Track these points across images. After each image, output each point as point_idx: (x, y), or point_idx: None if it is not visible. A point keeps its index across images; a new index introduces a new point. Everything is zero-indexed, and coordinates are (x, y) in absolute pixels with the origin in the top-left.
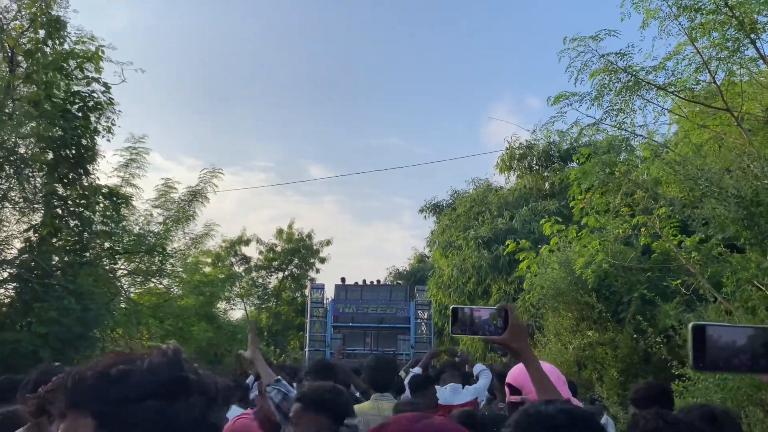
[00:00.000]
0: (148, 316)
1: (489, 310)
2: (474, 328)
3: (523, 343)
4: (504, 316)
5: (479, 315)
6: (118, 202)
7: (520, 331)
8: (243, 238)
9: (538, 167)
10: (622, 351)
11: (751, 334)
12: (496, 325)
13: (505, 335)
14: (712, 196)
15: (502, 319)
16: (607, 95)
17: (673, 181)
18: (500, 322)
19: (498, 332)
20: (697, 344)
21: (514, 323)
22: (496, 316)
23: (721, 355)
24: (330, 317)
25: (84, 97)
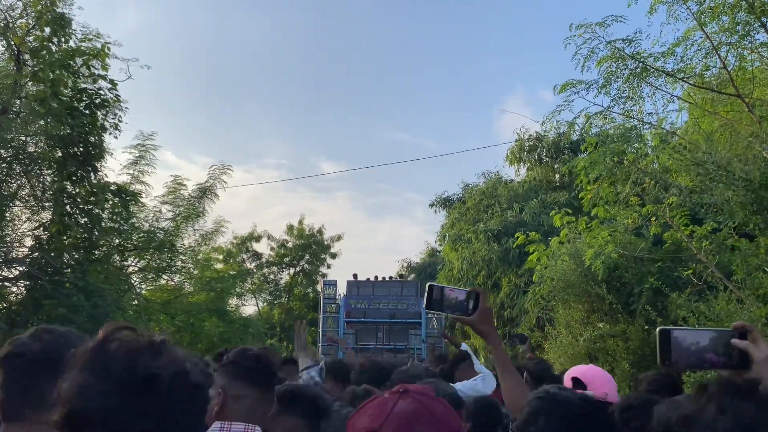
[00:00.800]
0: (159, 312)
1: (464, 291)
2: (444, 306)
3: (490, 325)
4: (475, 299)
5: (455, 295)
6: (127, 199)
7: (487, 315)
8: (254, 235)
9: (548, 159)
10: (634, 343)
11: (712, 336)
12: (466, 306)
13: (474, 317)
14: (720, 181)
15: (473, 301)
16: (614, 83)
17: (682, 168)
18: (471, 305)
19: (467, 313)
20: (663, 346)
21: (483, 307)
22: (469, 297)
23: (685, 355)
24: (342, 313)
25: (91, 95)
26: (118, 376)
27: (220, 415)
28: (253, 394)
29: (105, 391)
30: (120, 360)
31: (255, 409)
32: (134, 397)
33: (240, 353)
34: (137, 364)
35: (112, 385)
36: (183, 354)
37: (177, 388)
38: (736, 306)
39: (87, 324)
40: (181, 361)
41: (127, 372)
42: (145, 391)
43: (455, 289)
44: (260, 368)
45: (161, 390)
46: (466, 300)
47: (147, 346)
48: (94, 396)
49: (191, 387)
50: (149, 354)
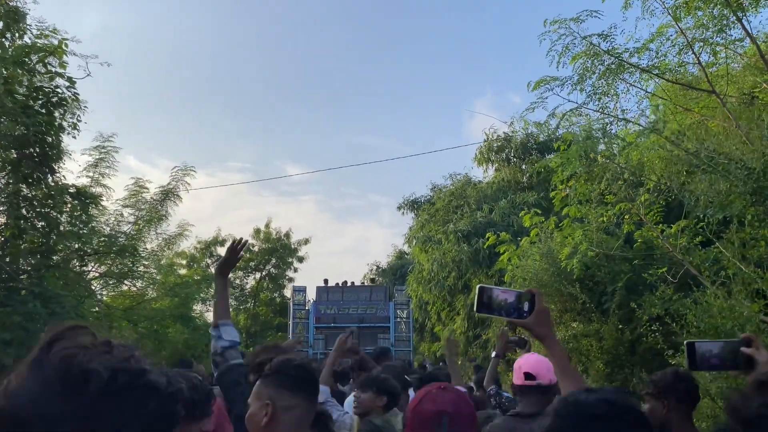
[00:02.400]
0: (121, 319)
1: (515, 292)
2: (499, 309)
3: (549, 328)
4: (531, 299)
5: (505, 297)
6: (87, 201)
7: (546, 317)
8: (218, 239)
9: (516, 159)
10: (608, 342)
11: (723, 345)
12: (522, 308)
13: (531, 319)
14: (715, 171)
15: (529, 302)
16: (589, 79)
17: (662, 162)
18: (527, 306)
19: (523, 315)
20: (690, 354)
21: (541, 308)
22: (524, 299)
23: (705, 360)
24: (312, 318)
25: (48, 93)
26: (52, 373)
27: (269, 426)
28: (302, 404)
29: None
30: (57, 356)
31: (304, 420)
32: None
33: (284, 363)
34: (73, 361)
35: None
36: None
37: (121, 387)
38: (727, 302)
39: (42, 331)
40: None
41: (62, 369)
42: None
43: (507, 290)
44: (307, 377)
45: (97, 388)
46: (519, 301)
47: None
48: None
49: (143, 388)
50: (93, 352)
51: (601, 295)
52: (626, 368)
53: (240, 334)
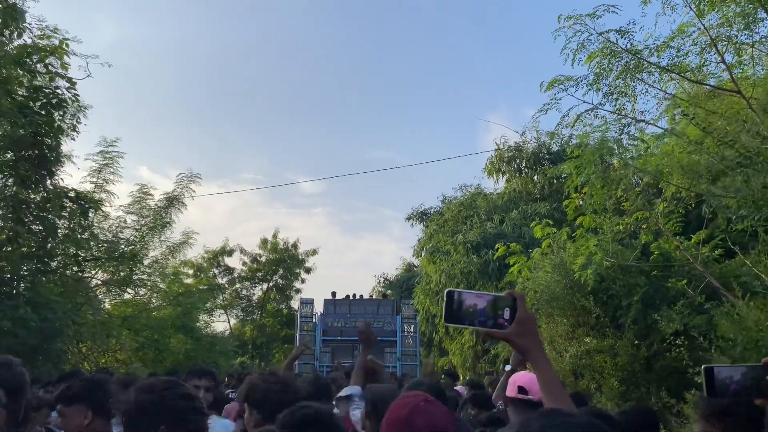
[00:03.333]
0: (121, 327)
1: (490, 296)
2: (472, 319)
3: (533, 340)
4: (512, 305)
5: (478, 303)
6: (87, 206)
7: (530, 326)
8: (226, 249)
9: (528, 170)
10: (623, 359)
11: (744, 371)
12: (500, 316)
13: (512, 329)
14: (752, 166)
15: (509, 309)
16: (605, 78)
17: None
18: (507, 313)
19: (503, 325)
20: (708, 381)
21: (524, 316)
22: (502, 305)
23: (725, 387)
24: (319, 331)
25: (48, 94)
26: None
27: None
28: None
29: None
30: None
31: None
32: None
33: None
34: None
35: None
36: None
37: None
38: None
39: (34, 339)
40: None
41: None
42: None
43: (482, 294)
44: None
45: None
46: (496, 308)
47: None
48: None
49: None
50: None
51: (616, 309)
52: (642, 386)
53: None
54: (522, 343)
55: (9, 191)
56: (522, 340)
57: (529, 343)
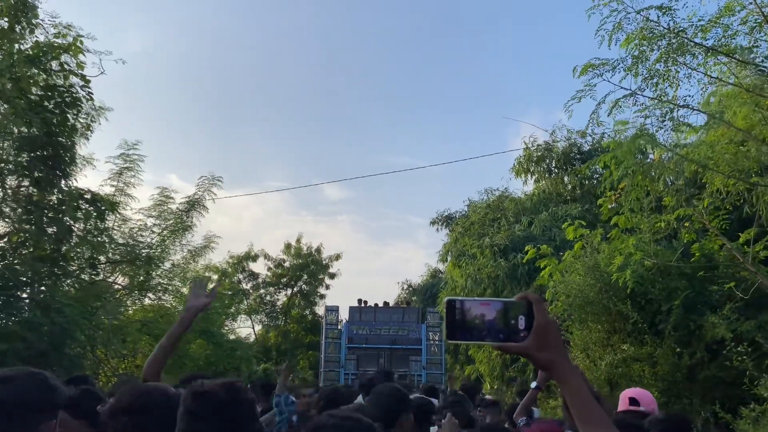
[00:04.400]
0: (140, 332)
1: (499, 303)
2: (480, 332)
3: (557, 351)
4: (527, 312)
5: (484, 312)
6: (103, 208)
7: (551, 334)
8: (250, 254)
9: (558, 170)
10: (663, 368)
11: (499, 308)
12: (514, 326)
13: (530, 341)
14: None
15: (525, 317)
16: (645, 62)
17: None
18: (522, 322)
19: (518, 336)
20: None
21: (543, 322)
22: (515, 312)
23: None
24: (344, 338)
25: (62, 92)
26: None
27: None
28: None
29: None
30: None
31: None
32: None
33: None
34: None
35: None
36: None
37: None
38: None
39: (42, 343)
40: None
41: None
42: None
43: (489, 301)
44: None
45: None
46: (507, 317)
47: None
48: None
49: None
50: None
51: (655, 314)
52: (684, 398)
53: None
54: (543, 357)
55: (23, 192)
56: (543, 354)
57: (552, 357)
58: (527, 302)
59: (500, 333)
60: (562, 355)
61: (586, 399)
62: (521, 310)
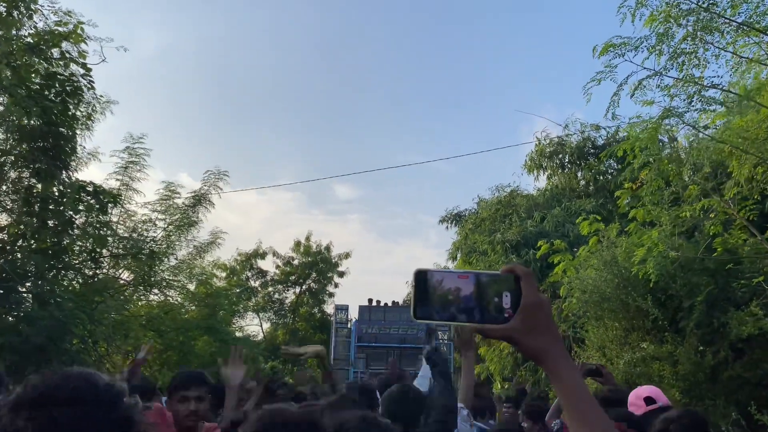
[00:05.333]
0: (143, 328)
1: (480, 276)
2: (452, 310)
3: (548, 336)
4: (514, 288)
5: (459, 285)
6: (106, 201)
7: (541, 315)
8: (259, 252)
9: (571, 165)
10: (684, 367)
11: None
12: (496, 304)
13: (515, 323)
14: None
15: (510, 293)
16: (669, 41)
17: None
18: (507, 300)
19: (500, 317)
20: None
21: (532, 301)
22: (498, 287)
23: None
24: (354, 337)
25: (63, 81)
26: None
27: None
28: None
29: None
30: None
31: None
32: None
33: None
34: None
35: None
36: None
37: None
38: None
39: (39, 337)
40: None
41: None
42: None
43: (468, 273)
44: None
45: None
46: (488, 293)
47: None
48: None
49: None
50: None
51: (676, 311)
52: (707, 399)
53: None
54: (532, 342)
55: (23, 184)
56: (531, 339)
57: (542, 343)
58: (514, 276)
59: (478, 312)
60: (554, 342)
61: (582, 396)
62: (507, 285)
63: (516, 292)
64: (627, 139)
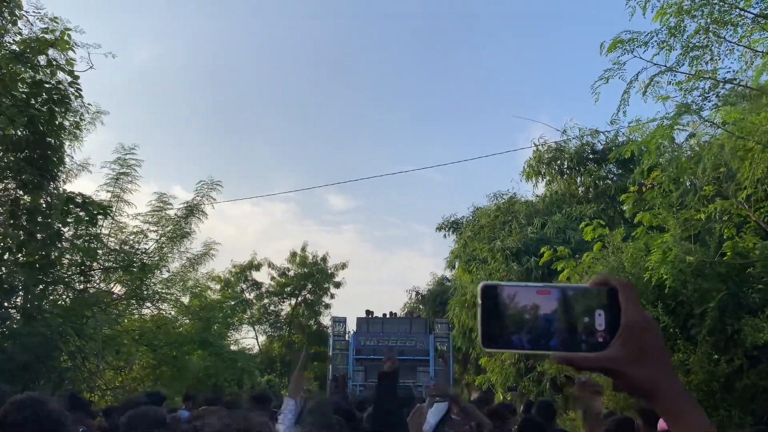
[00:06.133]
0: (136, 343)
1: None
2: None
3: (660, 367)
4: (609, 304)
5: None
6: (95, 213)
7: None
8: (254, 263)
9: (570, 171)
10: (697, 376)
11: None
12: (585, 326)
13: (616, 350)
14: None
15: (604, 311)
16: (680, 36)
17: None
18: (601, 320)
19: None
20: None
21: (636, 320)
22: (589, 303)
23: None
24: (352, 350)
25: (49, 90)
26: None
27: None
28: None
29: None
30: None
31: None
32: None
33: None
34: None
35: None
36: None
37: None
38: None
39: (25, 355)
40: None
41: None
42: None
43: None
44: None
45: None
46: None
47: None
48: None
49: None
50: None
51: (687, 318)
52: (722, 409)
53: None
54: (638, 374)
55: (9, 195)
56: (637, 370)
57: (652, 375)
58: (609, 290)
59: (565, 336)
60: (667, 373)
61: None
62: (599, 301)
63: (611, 309)
64: (628, 143)
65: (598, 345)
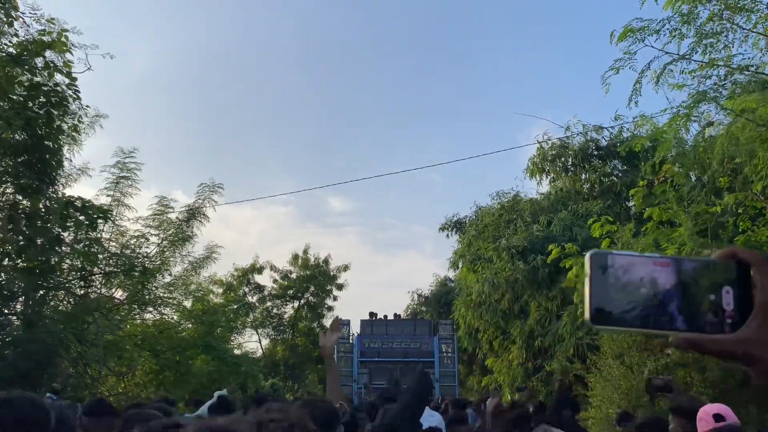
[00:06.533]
0: (138, 348)
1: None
2: (649, 311)
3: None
4: (738, 279)
5: (662, 276)
6: (95, 217)
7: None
8: (256, 266)
9: (574, 167)
10: (713, 373)
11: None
12: (709, 303)
13: (749, 331)
14: None
15: (732, 287)
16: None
17: None
18: (728, 296)
19: (721, 322)
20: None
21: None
22: (715, 276)
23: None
24: (356, 352)
25: (47, 92)
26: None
27: None
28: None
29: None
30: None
31: None
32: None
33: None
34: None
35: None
36: None
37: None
38: None
39: (26, 362)
40: None
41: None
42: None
43: (667, 259)
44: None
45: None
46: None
47: None
48: None
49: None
50: None
51: None
52: (739, 407)
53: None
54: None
55: (8, 200)
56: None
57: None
58: (737, 263)
59: (686, 315)
60: None
61: None
62: (727, 276)
63: (741, 285)
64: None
65: (727, 326)
